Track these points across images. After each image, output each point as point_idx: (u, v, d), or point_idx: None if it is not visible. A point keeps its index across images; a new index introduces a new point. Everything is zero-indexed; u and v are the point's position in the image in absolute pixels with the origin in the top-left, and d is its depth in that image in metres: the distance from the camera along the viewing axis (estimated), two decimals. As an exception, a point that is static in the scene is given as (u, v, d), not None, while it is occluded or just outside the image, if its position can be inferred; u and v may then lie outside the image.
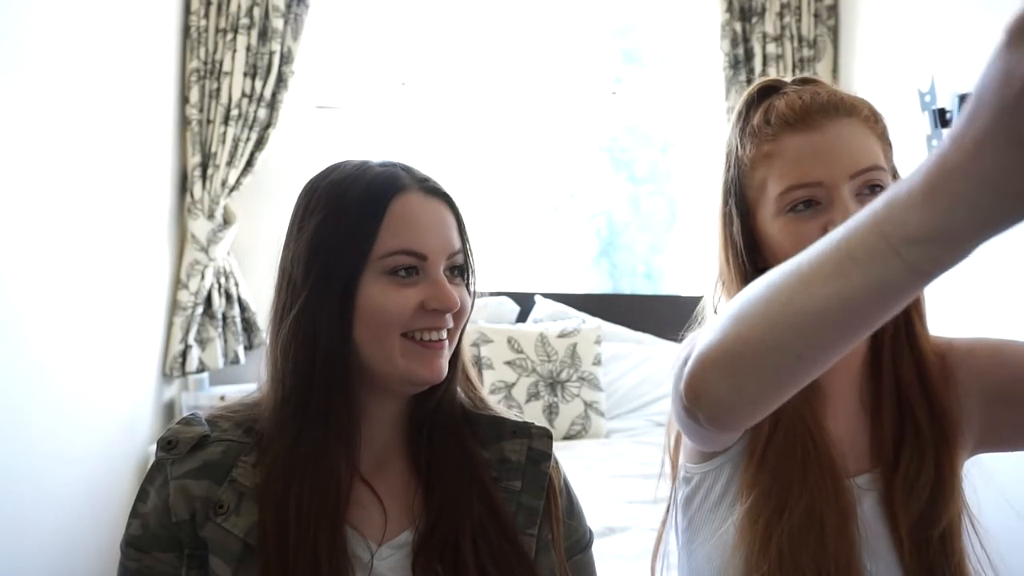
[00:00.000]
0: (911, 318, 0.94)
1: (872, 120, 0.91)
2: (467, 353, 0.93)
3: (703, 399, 0.67)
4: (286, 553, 0.77)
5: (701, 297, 1.05)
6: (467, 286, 0.88)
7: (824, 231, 0.84)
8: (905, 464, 0.89)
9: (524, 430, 0.92)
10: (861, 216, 0.52)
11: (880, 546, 0.88)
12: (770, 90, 0.95)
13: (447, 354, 0.85)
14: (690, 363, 0.67)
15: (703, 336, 0.67)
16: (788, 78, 0.98)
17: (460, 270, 0.87)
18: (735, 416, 0.68)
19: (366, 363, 0.83)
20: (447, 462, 0.87)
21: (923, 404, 0.91)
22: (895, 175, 0.94)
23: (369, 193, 0.83)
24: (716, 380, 0.65)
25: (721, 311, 0.67)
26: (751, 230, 0.93)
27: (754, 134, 0.92)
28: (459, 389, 0.93)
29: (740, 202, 0.94)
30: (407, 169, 0.87)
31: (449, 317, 0.84)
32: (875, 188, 0.87)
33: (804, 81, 0.96)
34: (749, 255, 0.93)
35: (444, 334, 0.84)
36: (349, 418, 0.83)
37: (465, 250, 0.88)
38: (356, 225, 0.81)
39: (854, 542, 0.86)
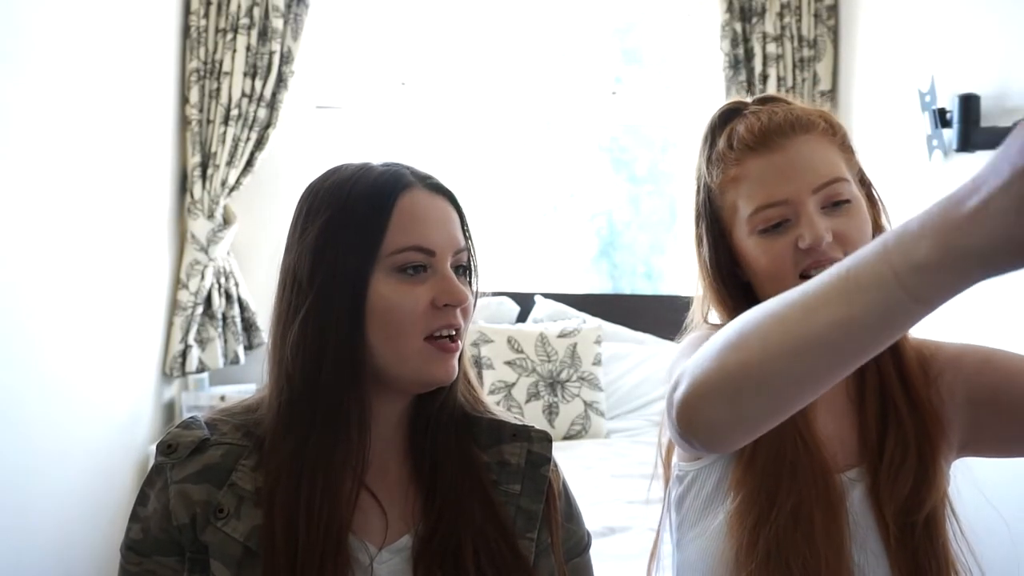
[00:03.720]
0: None
1: (830, 132, 0.94)
2: (467, 354, 0.93)
3: (698, 425, 0.69)
4: (294, 558, 0.76)
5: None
6: (470, 284, 0.88)
7: (795, 246, 0.90)
8: (889, 454, 0.92)
9: (524, 433, 0.91)
10: (869, 247, 0.55)
11: (868, 536, 0.90)
12: (732, 113, 0.99)
13: (459, 354, 0.85)
14: (682, 391, 0.69)
15: (695, 364, 0.68)
16: (749, 99, 1.02)
17: (464, 268, 0.87)
18: (731, 440, 0.70)
19: (378, 363, 0.82)
20: (448, 465, 0.87)
21: (903, 397, 0.94)
22: (862, 179, 0.98)
23: (375, 191, 0.82)
24: (714, 406, 0.66)
25: (713, 340, 0.68)
26: (729, 248, 0.98)
27: (720, 160, 0.96)
28: (459, 391, 0.92)
29: (712, 224, 0.99)
30: (409, 168, 0.87)
31: (459, 314, 0.84)
32: (838, 204, 0.91)
33: (764, 100, 1.00)
34: (730, 271, 0.99)
35: (460, 324, 0.84)
36: (360, 421, 0.82)
37: (468, 248, 0.87)
38: (363, 223, 0.81)
39: (843, 538, 0.88)
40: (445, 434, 0.88)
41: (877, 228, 0.97)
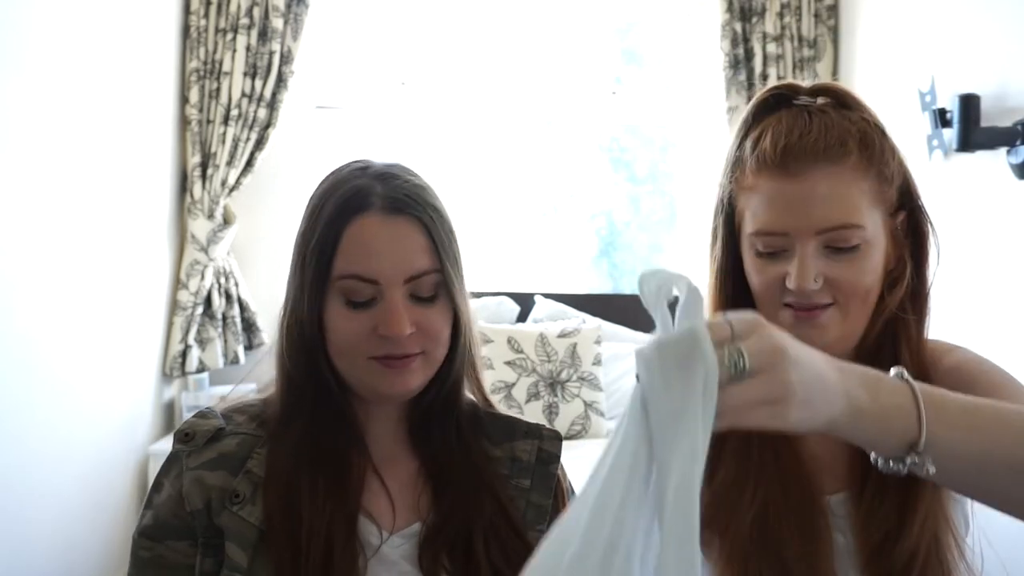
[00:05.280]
0: (897, 337, 0.91)
1: (864, 164, 0.85)
2: (478, 355, 0.94)
3: None
4: (298, 541, 0.79)
5: None
6: (455, 303, 0.86)
7: (782, 281, 0.86)
8: (869, 492, 0.86)
9: (536, 432, 0.95)
10: None
11: (849, 569, 0.86)
12: (774, 105, 0.90)
13: (417, 368, 0.84)
14: None
15: None
16: (806, 83, 0.92)
17: (432, 290, 0.84)
18: None
19: (341, 373, 0.85)
20: (455, 460, 0.89)
21: None
22: (902, 204, 0.90)
23: (333, 214, 0.84)
24: None
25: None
26: (737, 251, 0.93)
27: (740, 163, 0.90)
28: (471, 391, 0.95)
29: (728, 221, 0.93)
30: (384, 179, 0.85)
31: (411, 341, 0.82)
32: (841, 250, 0.84)
33: (817, 92, 0.90)
34: (733, 274, 0.94)
35: (410, 349, 0.83)
36: (348, 418, 0.87)
37: (443, 268, 0.84)
38: (317, 246, 0.83)
39: (826, 565, 0.85)
40: (449, 430, 0.91)
41: (904, 263, 0.90)
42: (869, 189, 0.86)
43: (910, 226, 0.91)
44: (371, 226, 0.83)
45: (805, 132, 0.85)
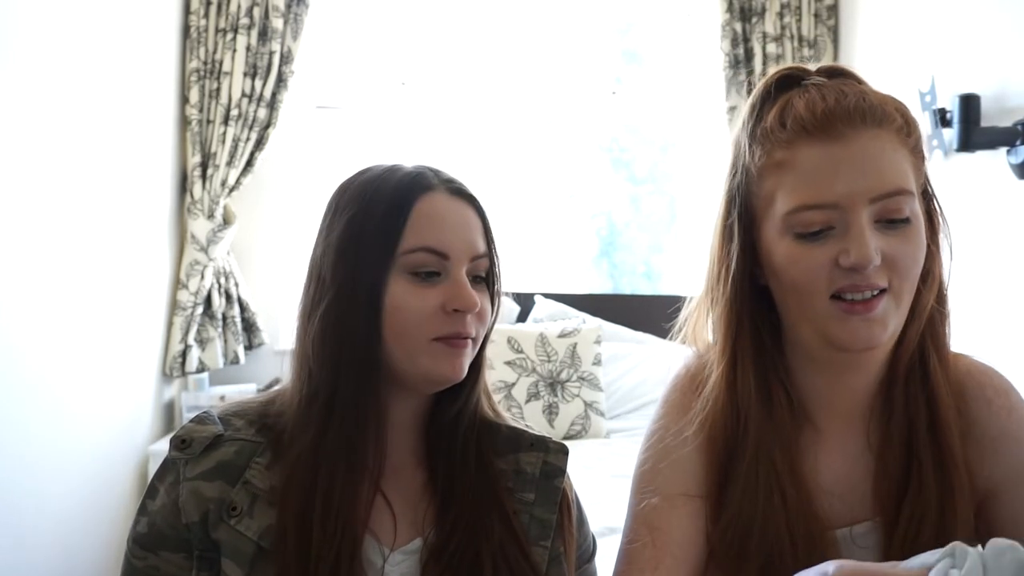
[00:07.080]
0: (926, 355, 0.84)
1: (905, 132, 0.78)
2: (489, 366, 0.92)
3: None
4: (307, 554, 0.76)
5: None
6: (492, 293, 0.87)
7: (834, 262, 0.76)
8: (905, 520, 0.80)
9: (541, 444, 0.91)
10: None
11: None
12: (789, 82, 0.83)
13: (469, 354, 0.84)
14: None
15: None
16: (813, 66, 0.85)
17: (484, 276, 0.86)
18: None
19: (391, 360, 0.82)
20: (466, 475, 0.86)
21: (929, 452, 0.81)
22: (926, 189, 0.84)
23: (397, 191, 0.83)
24: None
25: None
26: (753, 243, 0.82)
27: (766, 137, 0.80)
28: (480, 400, 0.92)
29: (745, 214, 0.82)
30: (435, 171, 0.87)
31: (471, 321, 0.83)
32: (894, 223, 0.76)
33: (831, 73, 0.83)
34: (749, 272, 0.84)
35: (471, 332, 0.83)
36: (377, 419, 0.83)
37: (491, 256, 0.87)
38: (382, 223, 0.82)
39: None
40: (464, 442, 0.88)
41: (931, 250, 0.83)
42: (910, 159, 0.79)
43: (927, 216, 0.83)
44: (440, 202, 0.84)
45: (841, 97, 0.77)
